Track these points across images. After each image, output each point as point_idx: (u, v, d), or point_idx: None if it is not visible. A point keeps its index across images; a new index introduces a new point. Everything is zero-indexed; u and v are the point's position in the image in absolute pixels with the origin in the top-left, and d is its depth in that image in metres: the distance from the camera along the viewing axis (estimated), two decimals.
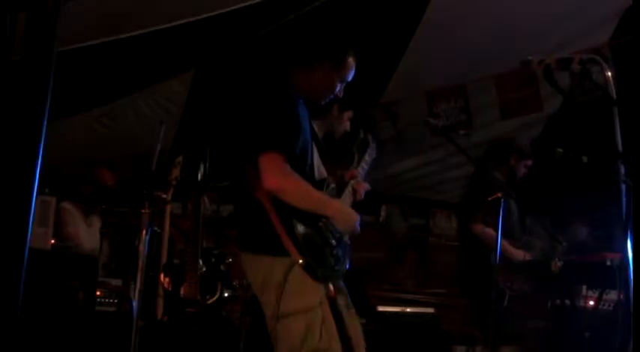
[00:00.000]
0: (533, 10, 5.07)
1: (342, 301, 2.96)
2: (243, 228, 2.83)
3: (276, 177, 2.62)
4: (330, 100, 3.02)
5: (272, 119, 2.69)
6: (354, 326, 2.98)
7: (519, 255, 4.21)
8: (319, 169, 2.99)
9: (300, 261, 2.60)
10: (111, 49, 4.53)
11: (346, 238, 2.88)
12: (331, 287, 2.80)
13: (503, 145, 4.62)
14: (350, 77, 2.96)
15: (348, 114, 3.58)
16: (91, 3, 3.84)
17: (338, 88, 2.95)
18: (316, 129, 3.35)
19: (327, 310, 2.72)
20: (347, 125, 3.56)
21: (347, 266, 2.85)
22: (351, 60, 2.92)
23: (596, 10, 5.21)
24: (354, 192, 3.07)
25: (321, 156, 3.01)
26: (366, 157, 3.33)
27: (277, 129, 2.67)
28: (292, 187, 2.65)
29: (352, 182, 3.09)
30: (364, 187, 3.13)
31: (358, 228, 2.84)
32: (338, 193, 3.00)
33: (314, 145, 2.97)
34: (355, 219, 2.84)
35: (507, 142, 4.65)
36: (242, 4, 4.39)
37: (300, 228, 2.65)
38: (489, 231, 4.12)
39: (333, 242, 2.75)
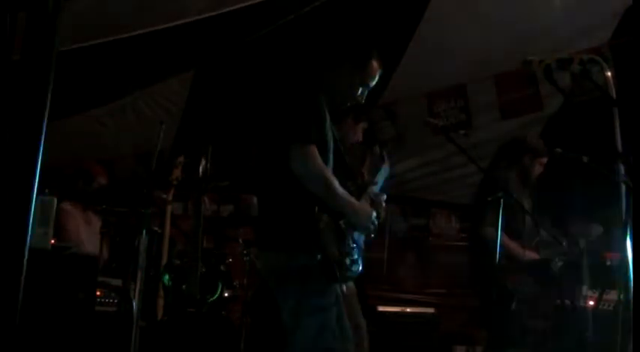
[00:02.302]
0: (533, 10, 5.07)
1: (353, 301, 2.98)
2: (262, 227, 2.84)
3: (307, 163, 2.64)
4: (350, 105, 3.01)
5: (304, 113, 2.71)
6: (361, 326, 3.01)
7: (528, 256, 4.18)
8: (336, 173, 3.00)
9: (319, 256, 2.61)
10: (111, 49, 4.53)
11: (362, 241, 2.89)
12: (344, 287, 2.81)
13: (515, 144, 4.49)
14: (373, 82, 2.93)
15: (362, 124, 3.58)
16: (90, 3, 3.84)
17: (359, 93, 2.93)
18: None
19: (341, 310, 2.73)
20: (360, 136, 3.57)
21: (360, 269, 2.85)
22: (375, 64, 2.90)
23: (596, 10, 5.21)
24: (373, 202, 3.05)
25: (339, 161, 3.00)
26: (382, 172, 3.34)
27: (310, 122, 2.69)
28: (320, 175, 2.67)
29: (370, 190, 3.08)
30: (383, 198, 3.13)
31: (375, 225, 2.86)
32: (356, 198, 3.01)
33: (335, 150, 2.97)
34: (371, 216, 2.85)
35: (519, 141, 4.51)
36: (242, 4, 4.39)
37: (322, 225, 2.66)
38: (500, 234, 4.06)
39: (351, 243, 2.76)
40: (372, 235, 2.92)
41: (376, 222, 2.86)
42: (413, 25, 5.32)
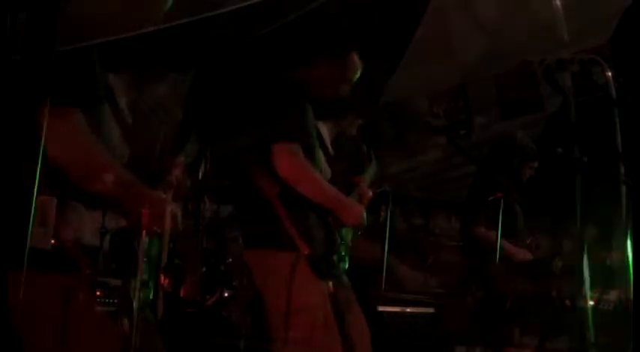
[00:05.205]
0: (533, 10, 5.07)
1: (343, 298, 2.97)
2: (248, 226, 2.83)
3: (293, 165, 2.63)
4: (335, 101, 3.03)
5: (286, 111, 2.71)
6: (356, 322, 3.00)
7: (520, 254, 4.20)
8: (325, 170, 3.00)
9: (306, 253, 2.60)
10: (111, 49, 4.52)
11: (349, 238, 2.90)
12: (331, 285, 2.81)
13: (506, 146, 4.50)
14: (354, 77, 2.96)
15: (359, 120, 3.67)
16: (91, 3, 3.83)
17: (341, 88, 2.94)
18: (328, 130, 3.43)
19: (328, 308, 2.72)
20: (356, 129, 3.65)
21: (346, 266, 2.86)
22: (355, 60, 2.92)
23: (596, 10, 5.21)
24: (360, 198, 3.08)
25: (327, 157, 3.01)
26: (369, 170, 3.36)
27: (292, 120, 2.69)
28: (308, 176, 2.66)
29: (359, 187, 3.10)
30: (369, 196, 3.14)
31: (364, 221, 2.87)
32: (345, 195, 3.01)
33: (320, 145, 2.98)
34: (361, 212, 2.85)
35: (509, 143, 4.52)
36: (242, 4, 4.38)
37: (309, 222, 2.66)
38: (492, 234, 4.08)
39: (339, 239, 2.77)
40: (359, 232, 2.94)
41: (365, 219, 2.88)
42: (413, 25, 5.32)
